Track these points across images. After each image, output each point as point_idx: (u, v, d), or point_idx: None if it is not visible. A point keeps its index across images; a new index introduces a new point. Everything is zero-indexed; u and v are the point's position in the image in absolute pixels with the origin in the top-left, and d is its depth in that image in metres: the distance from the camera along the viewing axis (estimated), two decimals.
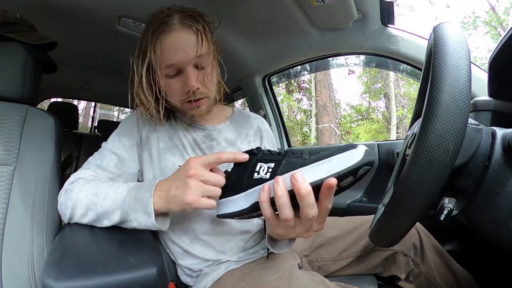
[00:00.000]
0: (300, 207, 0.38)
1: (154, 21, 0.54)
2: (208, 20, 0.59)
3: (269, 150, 0.47)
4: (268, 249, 0.56)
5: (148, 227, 0.49)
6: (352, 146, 0.37)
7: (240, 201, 0.45)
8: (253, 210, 0.44)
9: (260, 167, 0.44)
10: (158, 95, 0.58)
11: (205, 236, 0.62)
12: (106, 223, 0.50)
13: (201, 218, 0.62)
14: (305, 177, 0.37)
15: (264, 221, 0.64)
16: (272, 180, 0.40)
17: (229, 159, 0.46)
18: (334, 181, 0.35)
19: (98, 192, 0.51)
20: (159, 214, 0.49)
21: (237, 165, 0.48)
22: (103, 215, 0.50)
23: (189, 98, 0.57)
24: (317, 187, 0.36)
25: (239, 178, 0.46)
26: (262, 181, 0.43)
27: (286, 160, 0.42)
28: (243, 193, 0.45)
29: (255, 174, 0.44)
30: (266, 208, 0.40)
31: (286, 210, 0.38)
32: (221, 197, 0.47)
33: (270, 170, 0.43)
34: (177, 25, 0.53)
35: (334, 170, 0.35)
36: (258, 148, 0.48)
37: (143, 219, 0.47)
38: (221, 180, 0.46)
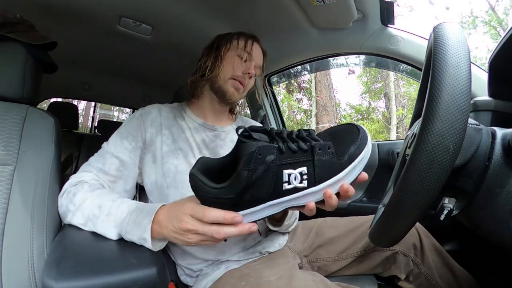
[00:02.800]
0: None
1: (250, 33, 0.75)
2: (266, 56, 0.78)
3: (284, 143, 0.38)
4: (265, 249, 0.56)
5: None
6: (365, 137, 0.40)
7: (264, 211, 0.39)
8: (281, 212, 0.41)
9: (289, 175, 0.37)
10: (217, 71, 0.70)
11: None
12: (103, 234, 0.48)
13: None
14: (348, 181, 0.39)
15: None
16: (313, 188, 0.37)
17: (215, 220, 0.39)
18: (365, 175, 0.40)
19: (102, 206, 0.49)
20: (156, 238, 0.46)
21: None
22: (100, 229, 0.48)
23: (240, 78, 0.69)
24: None
25: (256, 195, 0.37)
26: (298, 190, 0.38)
27: (317, 159, 0.37)
28: (268, 203, 0.39)
29: (285, 185, 0.37)
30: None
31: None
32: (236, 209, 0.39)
33: (305, 177, 0.37)
34: (260, 43, 0.76)
35: (361, 166, 0.39)
36: (269, 135, 0.39)
37: (138, 242, 0.45)
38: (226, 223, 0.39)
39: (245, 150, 0.36)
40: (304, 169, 0.37)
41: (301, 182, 0.37)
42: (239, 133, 0.37)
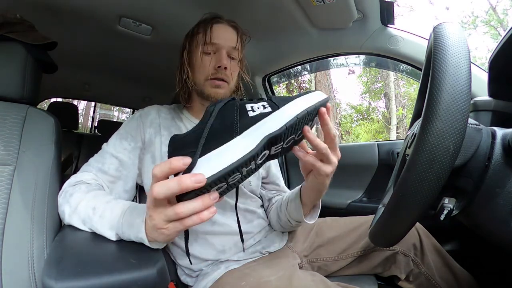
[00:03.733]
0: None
1: (208, 15, 0.69)
2: (244, 32, 0.72)
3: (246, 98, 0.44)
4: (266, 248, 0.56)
5: None
6: (312, 92, 0.44)
7: (238, 147, 0.35)
8: (260, 152, 0.36)
9: (252, 106, 0.40)
10: (187, 78, 0.68)
11: (205, 236, 0.62)
12: (102, 235, 0.48)
13: None
14: (313, 101, 0.41)
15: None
16: (278, 110, 0.39)
17: (162, 172, 0.34)
18: (324, 109, 0.43)
19: (96, 207, 0.48)
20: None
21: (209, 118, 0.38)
22: (98, 230, 0.47)
23: (215, 75, 0.66)
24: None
25: (224, 123, 0.37)
26: (264, 115, 0.38)
27: (273, 98, 0.41)
28: (240, 136, 0.36)
29: (250, 113, 0.39)
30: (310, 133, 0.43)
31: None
32: (201, 154, 0.34)
33: (266, 105, 0.40)
34: (225, 21, 0.69)
35: (315, 103, 0.41)
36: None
37: (137, 241, 0.44)
38: (180, 182, 0.32)
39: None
40: (264, 103, 0.41)
41: (264, 109, 0.39)
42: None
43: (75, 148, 1.99)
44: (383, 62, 1.18)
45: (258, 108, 0.40)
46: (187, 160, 0.33)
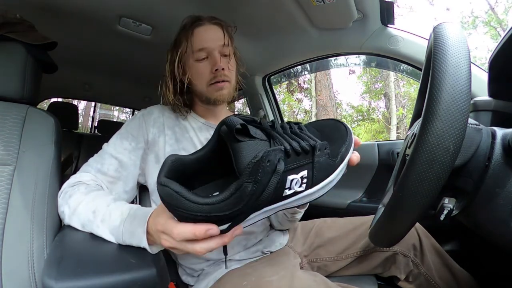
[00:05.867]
0: None
1: (188, 20, 0.68)
2: (228, 24, 0.71)
3: (287, 142, 0.34)
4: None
5: None
6: (351, 136, 0.42)
7: (259, 216, 0.36)
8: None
9: (292, 180, 0.34)
10: (182, 87, 0.67)
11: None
12: (103, 237, 0.47)
13: None
14: (336, 181, 0.40)
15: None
16: (308, 191, 0.36)
17: (186, 238, 0.33)
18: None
19: (96, 211, 0.48)
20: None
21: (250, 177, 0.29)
22: (98, 234, 0.47)
23: (215, 79, 0.65)
24: None
25: (255, 202, 0.31)
26: (295, 194, 0.36)
27: (316, 161, 0.36)
28: (264, 209, 0.35)
29: (286, 191, 0.34)
30: None
31: None
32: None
33: (304, 181, 0.35)
34: (206, 21, 0.67)
35: (346, 165, 0.41)
36: (262, 130, 0.35)
37: (137, 246, 0.44)
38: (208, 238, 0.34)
39: (245, 152, 0.30)
40: (305, 173, 0.35)
41: (300, 186, 0.35)
42: (235, 126, 0.31)
43: (75, 148, 1.99)
44: (383, 62, 1.18)
45: (296, 184, 0.34)
46: (215, 232, 0.32)
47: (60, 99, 2.28)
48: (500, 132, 0.38)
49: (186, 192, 0.30)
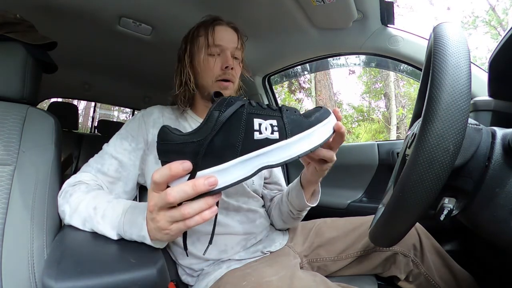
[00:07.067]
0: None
1: (208, 18, 0.70)
2: (243, 32, 0.74)
3: (255, 102, 0.39)
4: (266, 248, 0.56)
5: None
6: (327, 110, 0.44)
7: (236, 170, 0.35)
8: (256, 174, 0.38)
9: (260, 124, 0.37)
10: (189, 81, 0.69)
11: (207, 236, 0.62)
12: (103, 234, 0.47)
13: None
14: (323, 138, 0.41)
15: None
16: (285, 141, 0.37)
17: (163, 176, 0.34)
18: (344, 129, 0.45)
19: (97, 207, 0.48)
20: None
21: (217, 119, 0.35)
22: (99, 231, 0.47)
23: (223, 76, 0.66)
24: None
25: (227, 140, 0.35)
26: (270, 141, 0.37)
27: (286, 116, 0.38)
28: (238, 159, 0.35)
29: (256, 134, 0.36)
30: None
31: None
32: (200, 167, 0.34)
33: (275, 129, 0.37)
34: (225, 23, 0.70)
35: (329, 132, 0.43)
36: (236, 98, 0.38)
37: (139, 240, 0.45)
38: (185, 189, 0.34)
39: (218, 100, 0.37)
40: (274, 121, 0.38)
41: (272, 133, 0.37)
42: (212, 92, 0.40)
43: (75, 148, 1.99)
44: (383, 62, 1.18)
45: (266, 129, 0.37)
46: (187, 165, 0.33)
47: (60, 99, 2.28)
48: (500, 132, 0.38)
49: (175, 130, 0.36)
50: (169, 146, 0.35)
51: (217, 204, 0.37)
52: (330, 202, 1.16)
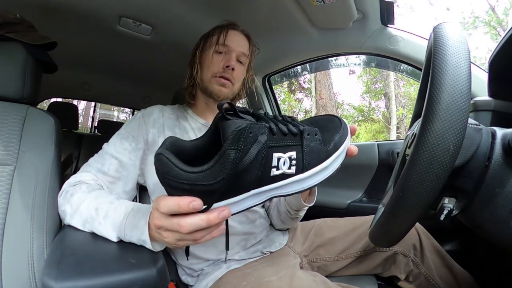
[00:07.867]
0: None
1: (226, 22, 0.73)
2: (255, 43, 0.79)
3: (274, 123, 0.35)
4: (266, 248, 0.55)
5: None
6: (346, 127, 0.43)
7: (248, 201, 0.36)
8: (263, 203, 0.38)
9: (279, 159, 0.34)
10: (196, 74, 0.71)
11: None
12: (103, 236, 0.47)
13: None
14: (332, 170, 0.41)
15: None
16: (301, 175, 0.36)
17: (170, 209, 0.34)
18: (356, 153, 0.44)
19: (98, 208, 0.48)
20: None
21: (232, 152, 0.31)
22: (99, 232, 0.47)
23: (222, 73, 0.68)
24: None
25: (244, 180, 0.33)
26: (285, 176, 0.35)
27: (306, 145, 0.36)
28: (252, 192, 0.35)
29: (273, 170, 0.34)
30: None
31: None
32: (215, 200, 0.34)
33: (293, 162, 0.35)
34: (240, 29, 0.74)
35: (343, 156, 0.42)
36: (254, 116, 0.35)
37: (138, 243, 0.44)
38: (194, 222, 0.34)
39: (231, 127, 0.31)
40: (293, 154, 0.35)
41: (289, 168, 0.35)
42: (222, 108, 0.33)
43: (75, 148, 1.99)
44: (383, 62, 1.18)
45: (284, 164, 0.34)
46: (198, 205, 0.32)
47: (60, 99, 2.28)
48: (500, 132, 0.38)
49: (177, 160, 0.31)
50: (174, 183, 0.31)
51: (226, 222, 0.38)
52: (330, 202, 1.16)
